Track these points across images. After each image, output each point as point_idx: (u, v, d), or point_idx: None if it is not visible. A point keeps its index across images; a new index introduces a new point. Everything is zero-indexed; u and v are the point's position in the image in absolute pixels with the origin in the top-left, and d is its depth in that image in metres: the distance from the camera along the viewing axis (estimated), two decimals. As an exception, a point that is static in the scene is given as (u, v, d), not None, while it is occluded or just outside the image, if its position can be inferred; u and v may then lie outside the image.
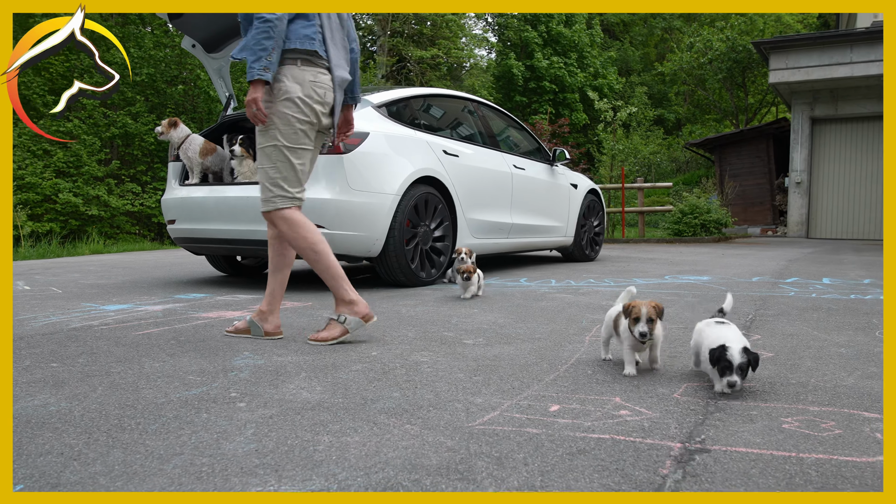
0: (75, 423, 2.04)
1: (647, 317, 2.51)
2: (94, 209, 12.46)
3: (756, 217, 18.22)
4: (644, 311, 2.52)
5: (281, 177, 3.20)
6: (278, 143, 3.16)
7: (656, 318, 2.55)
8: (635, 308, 2.53)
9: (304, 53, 3.13)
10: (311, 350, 3.08)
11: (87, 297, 4.90)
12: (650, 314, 2.52)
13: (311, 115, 3.21)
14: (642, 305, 2.54)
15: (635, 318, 2.53)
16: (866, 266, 7.81)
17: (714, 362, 2.32)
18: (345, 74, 3.31)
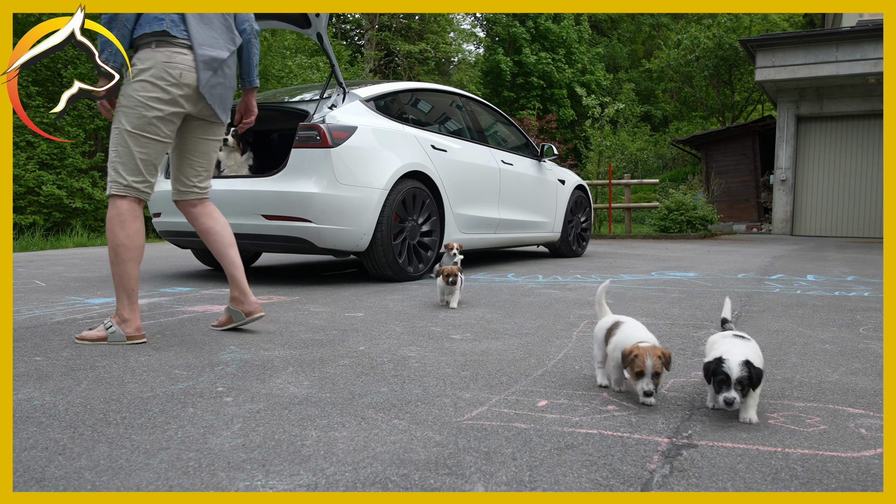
0: (60, 418, 2.02)
1: (652, 370, 2.07)
2: (79, 202, 12.34)
3: (741, 214, 18.34)
4: (649, 363, 2.07)
5: (120, 161, 3.01)
6: (120, 127, 2.99)
7: (662, 369, 2.09)
8: (638, 358, 2.06)
9: (156, 35, 2.97)
10: (299, 345, 3.06)
11: (71, 290, 4.85)
12: (656, 367, 2.07)
13: (167, 98, 3.00)
14: (647, 355, 2.07)
15: (638, 373, 2.08)
16: (850, 263, 7.88)
17: (708, 376, 2.03)
18: (214, 53, 3.08)
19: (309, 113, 5.03)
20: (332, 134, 4.87)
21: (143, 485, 1.57)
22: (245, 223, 4.97)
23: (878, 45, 13.44)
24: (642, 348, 2.08)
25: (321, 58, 18.54)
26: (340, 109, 5.11)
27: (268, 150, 6.19)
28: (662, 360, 2.08)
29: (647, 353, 2.07)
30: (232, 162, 5.45)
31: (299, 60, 17.02)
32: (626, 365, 2.11)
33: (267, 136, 6.27)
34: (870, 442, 1.89)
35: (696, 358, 2.87)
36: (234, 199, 5.00)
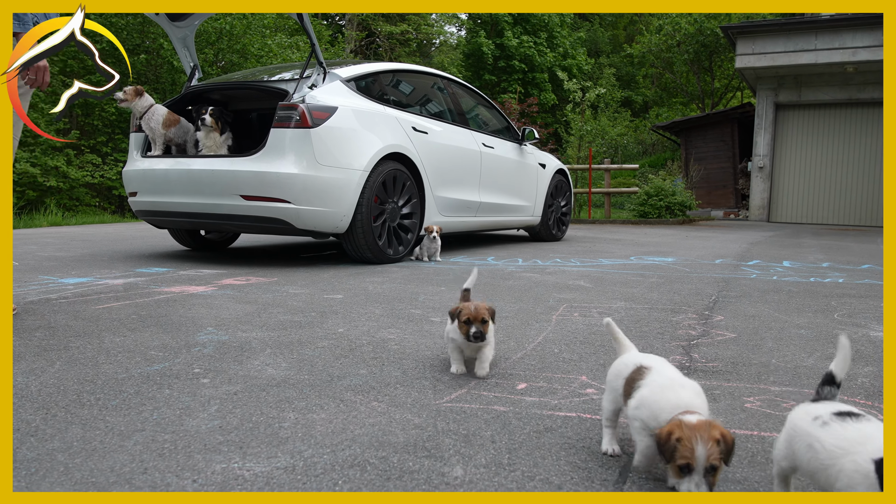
0: (32, 399, 1.98)
1: (706, 463, 1.36)
2: (53, 180, 12.13)
3: (719, 200, 18.49)
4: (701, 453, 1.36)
5: None
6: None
7: (721, 463, 1.38)
8: (684, 445, 1.37)
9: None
10: (277, 326, 3.04)
11: (44, 269, 4.77)
12: (712, 458, 1.35)
13: None
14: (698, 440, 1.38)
15: (682, 467, 1.38)
16: (825, 250, 7.98)
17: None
18: None
19: (289, 92, 4.96)
20: (312, 114, 4.81)
21: (117, 467, 1.54)
22: (223, 203, 4.91)
23: (856, 34, 13.55)
24: (691, 427, 1.36)
25: (301, 37, 18.33)
26: (321, 89, 5.05)
27: (247, 129, 6.11)
28: (721, 446, 1.36)
29: (699, 435, 1.35)
30: (210, 142, 5.38)
31: (279, 39, 16.80)
32: (663, 451, 1.40)
33: (246, 115, 6.19)
34: (844, 426, 1.91)
35: (675, 342, 2.89)
36: (211, 179, 4.94)
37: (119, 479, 1.49)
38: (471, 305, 2.29)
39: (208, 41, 14.68)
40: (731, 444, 1.37)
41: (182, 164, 5.22)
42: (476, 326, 2.24)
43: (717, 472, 1.35)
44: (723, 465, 1.35)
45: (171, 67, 14.31)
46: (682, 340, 2.93)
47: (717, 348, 2.80)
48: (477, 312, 2.26)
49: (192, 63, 5.89)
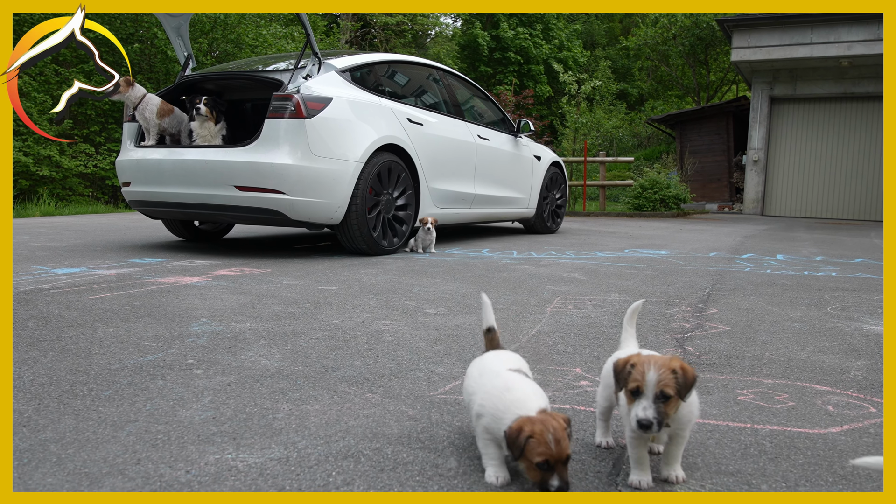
0: (24, 389, 1.97)
1: (655, 389, 1.37)
2: (46, 170, 12.06)
3: (714, 193, 18.52)
4: (651, 378, 1.37)
5: None
6: None
7: (675, 392, 1.37)
8: (636, 370, 1.38)
9: None
10: (271, 317, 3.03)
11: (37, 259, 4.75)
12: (663, 384, 1.36)
13: None
14: (649, 366, 1.38)
15: (633, 391, 1.39)
16: (818, 243, 8.01)
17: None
18: None
19: (283, 83, 4.94)
20: (307, 104, 4.79)
21: (110, 457, 1.54)
22: (217, 194, 4.89)
23: (851, 27, 13.56)
24: (644, 357, 1.40)
25: (296, 27, 18.23)
26: (315, 80, 5.02)
27: (241, 120, 6.08)
28: (677, 377, 1.36)
29: (652, 363, 1.37)
30: (205, 131, 5.35)
31: (274, 29, 16.70)
32: (617, 380, 1.42)
33: (240, 105, 6.16)
34: (836, 419, 1.92)
35: (669, 334, 2.90)
36: (206, 170, 4.91)
37: (112, 470, 1.48)
38: (546, 425, 1.33)
39: (202, 31, 14.58)
40: (689, 377, 1.38)
41: (176, 154, 5.19)
42: (560, 479, 1.34)
43: (670, 403, 1.37)
44: (678, 397, 1.37)
45: (165, 57, 14.22)
46: (676, 333, 2.94)
47: (710, 341, 2.81)
48: (560, 449, 1.32)
49: (186, 53, 5.86)
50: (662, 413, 1.36)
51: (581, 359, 2.48)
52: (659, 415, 1.35)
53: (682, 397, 1.38)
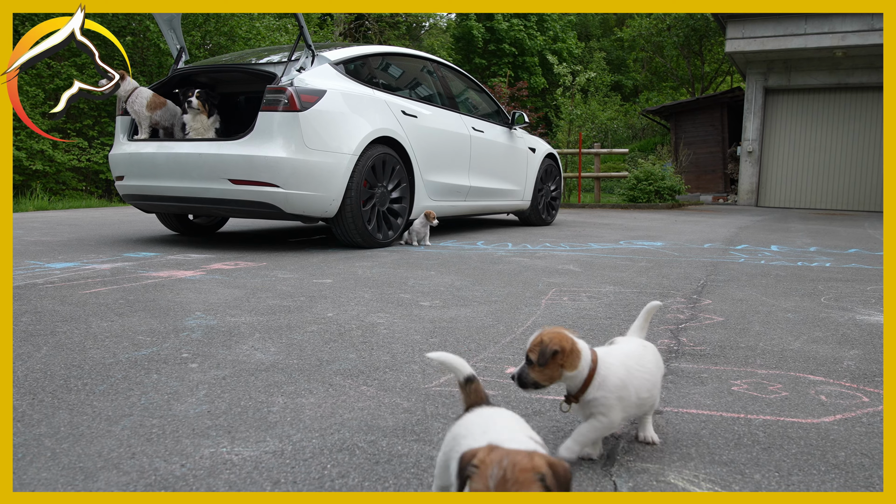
0: (18, 384, 1.97)
1: (526, 353, 1.48)
2: (39, 164, 12.01)
3: (708, 185, 18.54)
4: (528, 344, 1.49)
5: None
6: None
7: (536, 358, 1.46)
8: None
9: None
10: (265, 311, 3.03)
11: (31, 254, 4.73)
12: (530, 348, 1.47)
13: None
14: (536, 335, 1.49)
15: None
16: (812, 234, 8.03)
17: None
18: None
19: (277, 75, 4.92)
20: (301, 97, 4.77)
21: (104, 452, 1.54)
22: (211, 187, 4.88)
23: (845, 18, 13.55)
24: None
25: (290, 19, 18.16)
26: (309, 72, 5.01)
27: (234, 113, 6.06)
28: (540, 345, 1.45)
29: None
30: (198, 125, 5.33)
31: (267, 22, 16.63)
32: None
33: (234, 98, 6.14)
34: (829, 408, 1.93)
35: (663, 326, 2.90)
36: (199, 163, 4.90)
37: (107, 464, 1.48)
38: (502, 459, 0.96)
39: (195, 23, 14.51)
40: (546, 348, 1.45)
41: (169, 147, 5.17)
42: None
43: (533, 368, 1.46)
44: (536, 361, 1.45)
45: (158, 50, 14.16)
46: (671, 324, 2.94)
47: (704, 332, 2.82)
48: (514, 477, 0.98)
49: (179, 45, 5.82)
50: (521, 374, 1.48)
51: (576, 350, 2.48)
52: (519, 376, 1.48)
53: (541, 361, 1.45)
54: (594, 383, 1.50)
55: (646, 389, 1.57)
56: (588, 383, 1.50)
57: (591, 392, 1.50)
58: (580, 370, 1.48)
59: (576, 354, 1.48)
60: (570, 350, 1.47)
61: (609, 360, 1.54)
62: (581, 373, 1.49)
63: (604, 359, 1.53)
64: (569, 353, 1.46)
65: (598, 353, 1.54)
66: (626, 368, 1.54)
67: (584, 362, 1.49)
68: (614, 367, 1.53)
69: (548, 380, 1.47)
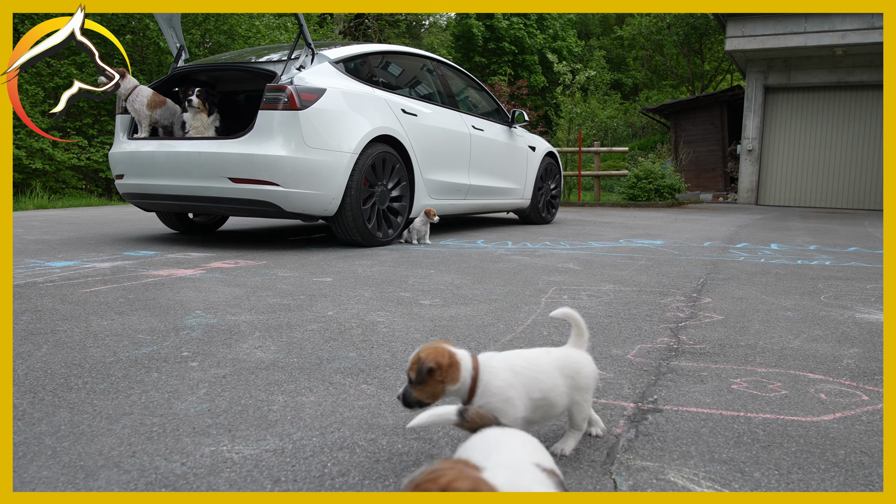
0: (19, 383, 1.97)
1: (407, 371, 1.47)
2: (39, 163, 12.01)
3: (708, 183, 18.54)
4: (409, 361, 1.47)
5: None
6: None
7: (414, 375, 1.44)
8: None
9: None
10: (266, 309, 3.03)
11: (31, 253, 4.73)
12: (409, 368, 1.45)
13: None
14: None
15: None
16: (812, 233, 8.03)
17: None
18: None
19: (276, 74, 4.92)
20: (301, 96, 4.77)
21: (105, 450, 1.54)
22: (211, 186, 4.88)
23: (845, 16, 13.55)
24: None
25: (289, 17, 18.15)
26: (309, 71, 5.01)
27: (234, 111, 6.06)
28: (417, 363, 1.43)
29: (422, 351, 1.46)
30: (198, 123, 5.33)
31: (267, 20, 16.62)
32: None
33: (233, 97, 6.14)
34: (829, 407, 1.93)
35: (663, 324, 2.90)
36: (199, 162, 4.90)
37: (107, 463, 1.48)
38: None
39: (195, 21, 14.50)
40: (422, 366, 1.42)
41: (169, 146, 5.17)
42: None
43: (412, 387, 1.44)
44: (416, 383, 1.42)
45: (158, 48, 14.15)
46: (671, 323, 2.95)
47: (704, 330, 2.82)
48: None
49: (179, 44, 5.82)
50: (404, 394, 1.46)
51: (575, 349, 2.48)
52: (403, 396, 1.47)
53: (419, 380, 1.43)
54: (478, 391, 1.46)
55: (537, 390, 1.50)
56: (473, 392, 1.46)
57: (476, 400, 1.46)
58: (462, 382, 1.45)
59: (455, 367, 1.44)
60: (449, 364, 1.43)
61: (492, 364, 1.50)
62: (464, 384, 1.45)
63: (486, 364, 1.49)
64: (447, 368, 1.43)
65: (481, 359, 1.50)
66: (511, 370, 1.50)
67: (466, 373, 1.45)
68: (497, 370, 1.49)
69: (431, 397, 1.44)
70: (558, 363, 1.57)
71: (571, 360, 1.60)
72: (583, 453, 1.59)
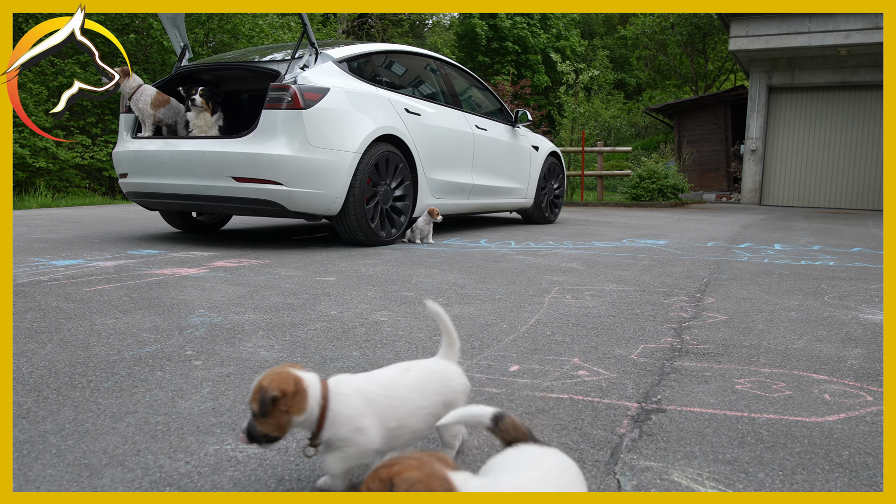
0: (23, 381, 1.98)
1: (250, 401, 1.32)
2: (42, 161, 12.03)
3: (711, 183, 18.51)
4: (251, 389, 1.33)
5: None
6: None
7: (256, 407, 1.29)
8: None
9: None
10: (269, 308, 3.04)
11: (35, 251, 4.74)
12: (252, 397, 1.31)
13: None
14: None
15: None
16: (816, 233, 8.01)
17: None
18: None
19: (280, 73, 4.92)
20: (304, 95, 4.78)
21: (109, 448, 1.54)
22: (215, 185, 4.88)
23: (849, 16, 13.52)
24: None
25: (293, 17, 18.16)
26: (312, 70, 5.01)
27: (238, 110, 6.06)
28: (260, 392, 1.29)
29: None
30: (202, 122, 5.33)
31: (270, 19, 16.63)
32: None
33: (237, 96, 6.14)
34: (833, 407, 1.93)
35: (666, 324, 2.90)
36: (203, 161, 4.90)
37: (112, 461, 1.49)
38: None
39: (198, 20, 14.51)
40: (264, 395, 1.27)
41: (172, 145, 5.18)
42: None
43: (255, 419, 1.29)
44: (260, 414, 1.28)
45: (161, 48, 14.17)
46: (674, 323, 2.94)
47: (708, 330, 2.82)
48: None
49: (183, 43, 5.83)
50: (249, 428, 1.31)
51: (579, 349, 2.48)
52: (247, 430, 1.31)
53: (262, 413, 1.28)
54: (327, 421, 1.32)
55: (394, 419, 1.36)
56: (322, 423, 1.32)
57: (325, 432, 1.32)
58: (310, 411, 1.30)
59: (301, 395, 1.29)
60: (294, 392, 1.28)
61: (341, 391, 1.35)
62: (311, 413, 1.30)
63: (335, 390, 1.34)
64: (292, 396, 1.28)
65: (331, 383, 1.36)
66: (363, 396, 1.35)
67: (314, 401, 1.31)
68: (347, 397, 1.34)
69: (277, 429, 1.29)
70: (420, 381, 1.43)
71: (436, 375, 1.46)
72: (586, 453, 1.59)
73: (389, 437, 1.37)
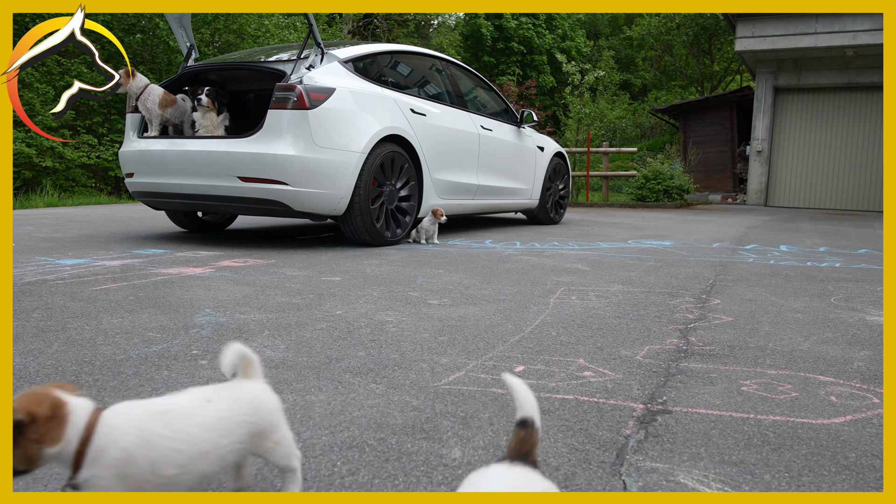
0: (30, 380, 1.98)
1: None
2: (49, 161, 12.07)
3: (717, 184, 18.47)
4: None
5: None
6: None
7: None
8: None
9: None
10: (275, 308, 3.04)
11: (41, 250, 4.76)
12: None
13: None
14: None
15: None
16: (822, 234, 7.99)
17: None
18: None
19: (286, 73, 4.93)
20: (310, 95, 4.78)
21: (116, 447, 1.55)
22: (220, 185, 4.89)
23: (856, 17, 13.48)
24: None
25: (299, 17, 18.19)
26: (318, 70, 5.01)
27: (244, 110, 6.08)
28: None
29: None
30: (207, 122, 5.34)
31: (276, 19, 16.66)
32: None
33: (243, 96, 6.15)
34: (839, 409, 1.92)
35: (672, 325, 2.90)
36: (209, 161, 4.91)
37: (118, 460, 1.49)
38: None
39: (204, 20, 14.55)
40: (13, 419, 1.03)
41: (178, 144, 5.19)
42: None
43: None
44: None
45: (167, 47, 14.20)
46: (680, 324, 2.94)
47: (714, 332, 2.81)
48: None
49: (189, 43, 5.84)
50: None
51: (584, 349, 2.48)
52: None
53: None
54: (87, 458, 1.07)
55: (173, 464, 1.12)
56: (80, 459, 1.07)
57: (83, 472, 1.07)
58: (66, 443, 1.06)
59: (58, 422, 1.05)
60: (48, 417, 1.04)
61: (115, 423, 1.10)
62: (68, 446, 1.06)
63: (108, 422, 1.10)
64: (45, 422, 1.04)
65: (106, 414, 1.11)
66: (140, 434, 1.11)
67: (74, 432, 1.07)
68: (120, 432, 1.10)
69: (25, 462, 1.04)
70: (223, 415, 1.20)
71: (242, 402, 1.25)
72: (592, 454, 1.59)
73: (168, 486, 1.13)
